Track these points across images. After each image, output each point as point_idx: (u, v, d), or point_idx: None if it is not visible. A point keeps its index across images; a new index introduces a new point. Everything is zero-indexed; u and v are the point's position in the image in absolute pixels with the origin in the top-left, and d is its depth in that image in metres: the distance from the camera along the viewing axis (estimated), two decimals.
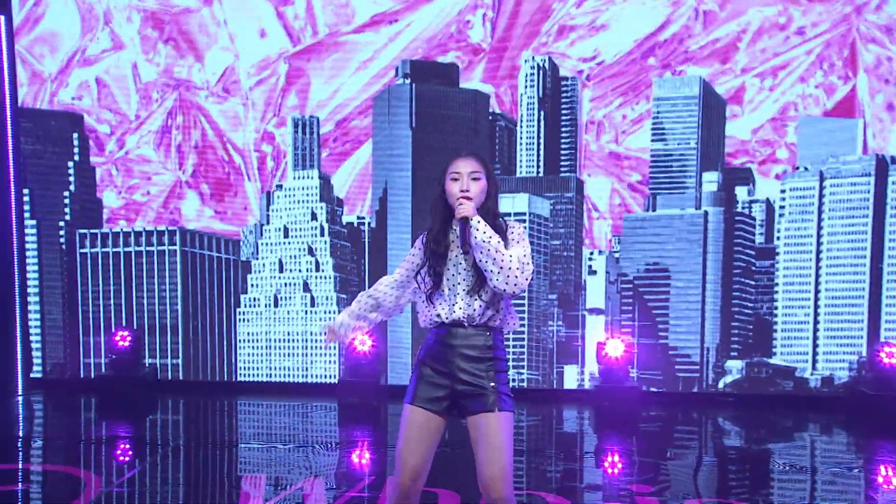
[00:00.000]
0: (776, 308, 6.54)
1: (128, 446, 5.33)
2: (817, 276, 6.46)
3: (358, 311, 2.91)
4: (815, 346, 6.51)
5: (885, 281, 6.36)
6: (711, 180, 6.52)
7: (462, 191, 2.70)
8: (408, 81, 6.65)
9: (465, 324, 2.72)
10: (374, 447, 5.22)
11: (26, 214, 6.94)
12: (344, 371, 6.45)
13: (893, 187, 6.33)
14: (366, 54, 6.59)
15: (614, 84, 6.46)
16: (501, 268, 2.60)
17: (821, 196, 6.40)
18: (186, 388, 6.90)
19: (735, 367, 6.60)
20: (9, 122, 6.76)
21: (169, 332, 6.96)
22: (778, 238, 6.50)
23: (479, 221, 2.65)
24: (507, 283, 2.60)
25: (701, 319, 6.60)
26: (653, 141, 6.53)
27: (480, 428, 2.67)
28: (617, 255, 6.63)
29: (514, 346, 6.71)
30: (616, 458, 5.08)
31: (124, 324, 6.89)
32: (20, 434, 5.68)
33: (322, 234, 6.81)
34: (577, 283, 6.69)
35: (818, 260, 6.44)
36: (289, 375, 6.94)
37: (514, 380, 6.71)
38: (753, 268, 6.54)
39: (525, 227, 6.36)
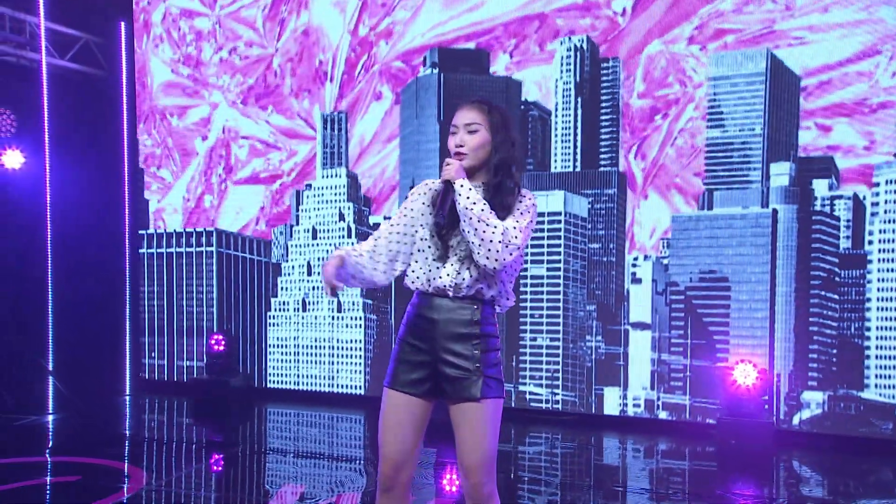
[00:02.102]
0: (868, 329, 5.26)
1: (194, 449, 5.43)
2: None
3: (353, 270, 2.54)
4: None
5: None
6: (782, 172, 5.41)
7: (457, 146, 2.47)
8: (436, 71, 6.16)
9: (451, 293, 2.46)
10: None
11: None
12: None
13: None
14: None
15: None
16: (483, 239, 2.35)
17: None
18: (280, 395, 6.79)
19: (814, 399, 5.38)
20: (125, 132, 7.08)
21: (205, 334, 6.89)
22: (870, 242, 5.24)
23: (462, 185, 2.39)
24: (486, 258, 2.37)
25: (770, 340, 5.46)
26: (709, 128, 5.54)
27: (462, 415, 2.44)
28: (666, 261, 5.67)
29: (549, 362, 5.93)
30: None
31: (185, 326, 7.03)
32: (103, 429, 5.83)
33: (349, 236, 6.44)
34: (619, 293, 5.80)
35: None
36: (316, 384, 6.61)
37: (547, 401, 5.93)
38: (837, 279, 5.32)
39: (560, 227, 5.65)
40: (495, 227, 2.36)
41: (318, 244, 6.56)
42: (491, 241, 2.34)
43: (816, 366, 5.37)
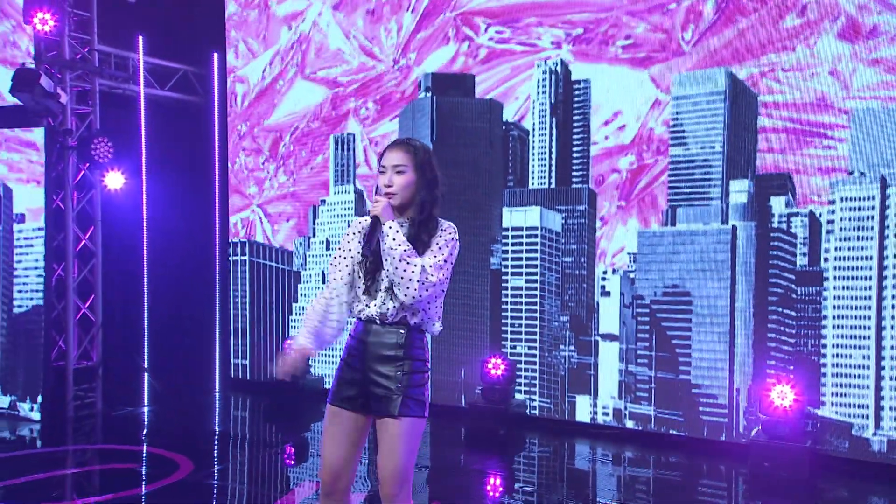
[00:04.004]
0: (825, 346, 5.26)
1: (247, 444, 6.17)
2: (880, 308, 5.08)
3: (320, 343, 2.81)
4: (880, 398, 5.10)
5: None
6: (740, 189, 5.49)
7: (386, 185, 2.69)
8: (429, 94, 6.64)
9: (378, 321, 2.71)
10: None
11: None
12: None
13: None
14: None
15: None
16: (402, 278, 2.60)
17: (883, 208, 5.05)
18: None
19: None
20: (216, 153, 8.01)
21: (239, 335, 7.71)
22: (826, 260, 5.24)
23: (390, 227, 2.62)
24: (405, 294, 2.61)
25: (730, 355, 5.55)
26: (671, 146, 5.70)
27: (384, 430, 2.67)
28: (632, 275, 5.88)
29: (526, 370, 6.27)
30: None
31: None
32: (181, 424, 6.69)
33: None
34: (589, 305, 6.05)
35: (881, 288, 5.07)
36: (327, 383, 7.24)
37: (525, 406, 6.26)
38: (794, 295, 5.34)
39: (540, 241, 5.98)
40: (415, 266, 2.59)
41: (330, 254, 7.20)
42: (410, 279, 2.58)
43: (774, 382, 5.40)
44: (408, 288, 2.59)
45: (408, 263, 2.58)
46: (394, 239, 2.60)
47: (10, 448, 5.85)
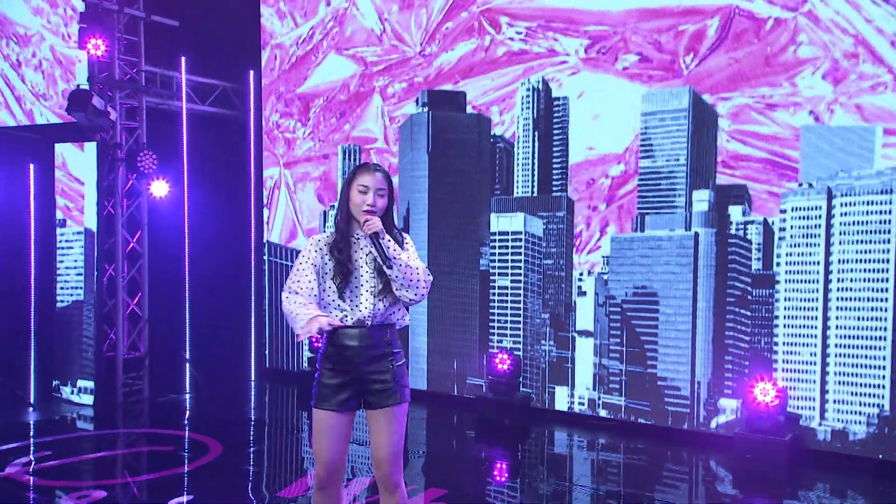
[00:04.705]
0: (776, 345, 5.72)
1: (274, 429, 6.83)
2: (826, 309, 5.52)
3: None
4: (825, 391, 5.56)
5: None
6: (702, 199, 5.97)
7: (369, 205, 2.96)
8: (426, 109, 7.22)
9: (368, 323, 2.97)
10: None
11: None
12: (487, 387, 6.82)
13: None
14: None
15: None
16: (412, 280, 2.92)
17: (829, 217, 5.49)
18: None
19: (729, 406, 5.92)
20: (252, 162, 8.66)
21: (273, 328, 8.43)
22: (778, 264, 5.70)
23: (390, 240, 2.94)
24: (415, 294, 2.95)
25: (691, 350, 6.05)
26: (641, 158, 6.19)
27: (384, 418, 2.98)
28: (605, 276, 6.39)
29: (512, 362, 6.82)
30: None
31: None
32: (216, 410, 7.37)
33: None
34: (567, 304, 6.58)
35: (827, 291, 5.51)
36: None
37: (530, 399, 6.82)
38: (750, 297, 5.81)
39: (520, 245, 6.53)
40: (417, 268, 2.93)
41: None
42: (417, 280, 2.93)
43: (731, 375, 5.90)
44: (416, 288, 2.92)
45: (410, 268, 2.91)
46: (394, 249, 2.92)
47: (68, 430, 6.62)
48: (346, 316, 2.96)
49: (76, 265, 7.59)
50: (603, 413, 6.45)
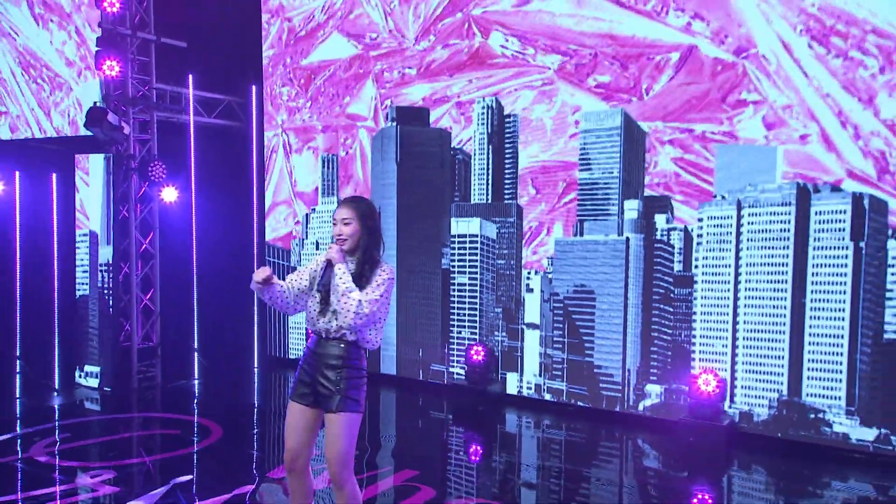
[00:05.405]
0: (694, 337, 6.49)
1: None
2: (735, 306, 6.29)
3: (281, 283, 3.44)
4: (734, 378, 6.33)
5: (807, 317, 5.98)
6: (632, 208, 6.72)
7: (337, 236, 3.36)
8: (394, 124, 7.99)
9: (324, 336, 3.38)
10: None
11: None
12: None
13: (816, 217, 5.94)
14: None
15: None
16: (343, 308, 3.25)
17: (739, 225, 6.24)
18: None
19: (654, 391, 6.70)
20: (254, 169, 9.38)
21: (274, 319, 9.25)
22: (696, 266, 6.46)
23: (339, 268, 3.28)
24: (343, 321, 3.27)
25: (623, 341, 6.82)
26: (580, 170, 6.95)
27: (328, 423, 3.36)
28: (550, 275, 7.17)
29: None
30: None
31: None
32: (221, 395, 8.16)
33: None
34: (517, 300, 7.37)
35: (736, 291, 6.28)
36: None
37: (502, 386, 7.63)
38: (672, 295, 6.58)
39: (480, 251, 7.30)
40: (353, 300, 3.21)
41: (319, 253, 8.63)
42: (348, 310, 3.22)
43: (656, 364, 6.67)
44: (345, 316, 3.24)
45: (348, 297, 3.22)
46: (340, 278, 3.25)
47: (86, 413, 7.47)
48: (315, 325, 3.42)
49: (82, 264, 8.42)
50: (548, 397, 7.25)
